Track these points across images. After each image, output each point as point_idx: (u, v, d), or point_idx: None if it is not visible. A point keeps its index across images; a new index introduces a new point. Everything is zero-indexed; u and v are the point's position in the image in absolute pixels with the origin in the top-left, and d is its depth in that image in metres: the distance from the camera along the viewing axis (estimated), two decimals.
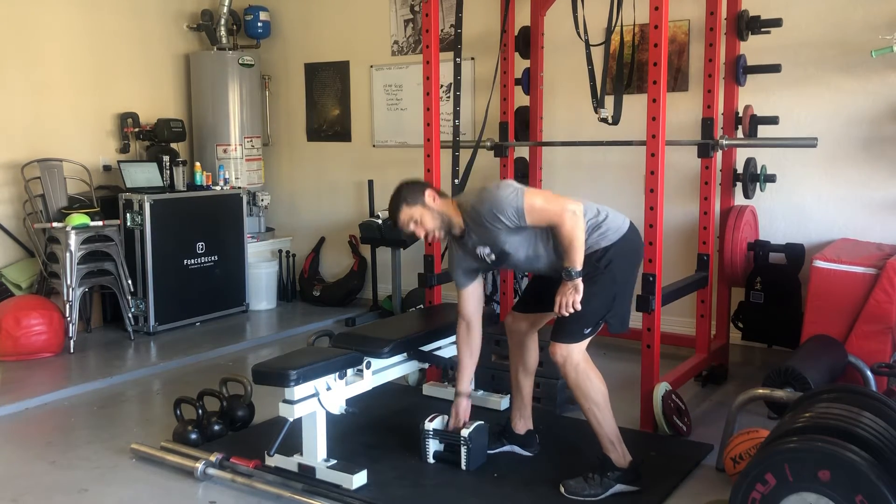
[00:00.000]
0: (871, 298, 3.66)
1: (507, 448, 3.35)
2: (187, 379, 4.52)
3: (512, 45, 4.92)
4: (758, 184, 4.47)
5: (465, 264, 3.19)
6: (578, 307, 2.92)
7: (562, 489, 3.00)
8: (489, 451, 3.30)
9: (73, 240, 5.02)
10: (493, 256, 3.08)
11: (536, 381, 3.49)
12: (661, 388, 3.57)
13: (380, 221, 5.67)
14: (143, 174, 5.62)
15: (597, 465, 3.03)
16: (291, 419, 3.03)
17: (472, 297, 3.26)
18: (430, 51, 4.12)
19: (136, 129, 6.00)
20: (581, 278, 2.92)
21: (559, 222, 2.91)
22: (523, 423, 3.38)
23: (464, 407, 3.31)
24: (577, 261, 2.91)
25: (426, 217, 3.05)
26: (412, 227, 3.07)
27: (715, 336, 4.51)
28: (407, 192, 3.08)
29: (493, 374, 3.94)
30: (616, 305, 3.05)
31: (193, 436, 3.45)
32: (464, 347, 3.30)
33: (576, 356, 2.98)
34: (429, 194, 3.06)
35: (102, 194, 5.58)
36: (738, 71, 4.41)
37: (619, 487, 2.99)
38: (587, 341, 3.03)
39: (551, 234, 3.00)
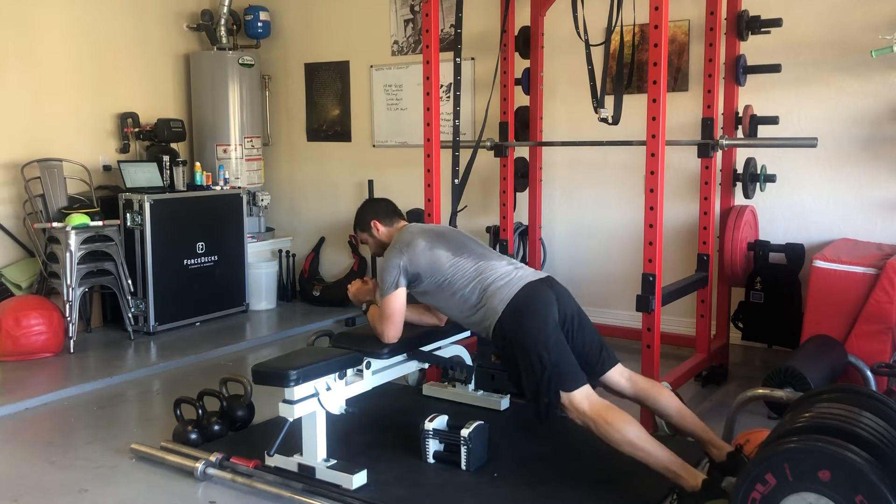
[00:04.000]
0: (871, 298, 3.66)
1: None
2: (187, 379, 4.52)
3: (512, 45, 4.92)
4: (758, 184, 4.47)
5: None
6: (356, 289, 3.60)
7: None
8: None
9: (73, 240, 5.02)
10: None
11: None
12: None
13: None
14: (143, 174, 5.62)
15: (676, 499, 2.80)
16: (291, 419, 3.02)
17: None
18: (430, 51, 4.11)
19: (136, 129, 6.00)
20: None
21: (376, 324, 3.36)
22: (716, 451, 2.98)
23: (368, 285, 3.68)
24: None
25: (369, 241, 3.59)
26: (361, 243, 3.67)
27: (715, 336, 4.51)
28: (358, 217, 3.59)
29: (493, 374, 3.94)
30: (545, 362, 2.97)
31: (193, 436, 3.44)
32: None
33: (579, 405, 2.91)
34: (374, 224, 3.51)
35: (102, 194, 5.58)
36: (738, 71, 4.41)
37: None
38: (581, 390, 2.93)
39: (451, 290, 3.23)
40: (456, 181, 4.21)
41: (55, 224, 5.12)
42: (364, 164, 6.33)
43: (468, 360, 4.01)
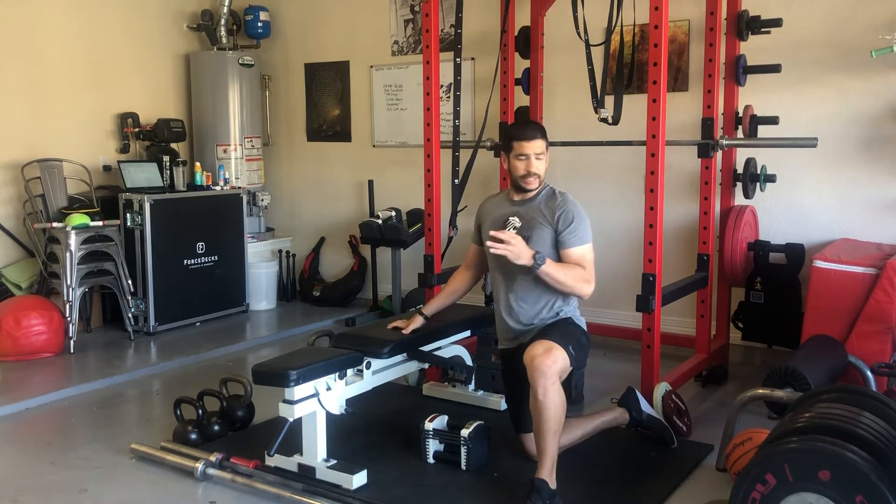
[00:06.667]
0: (871, 298, 3.66)
1: None
2: (187, 379, 4.52)
3: (512, 45, 4.92)
4: (758, 184, 4.47)
5: (490, 226, 3.27)
6: (509, 247, 2.97)
7: None
8: None
9: (73, 240, 5.02)
10: (514, 231, 3.16)
11: None
12: (662, 388, 3.57)
13: (380, 221, 5.67)
14: (143, 174, 5.62)
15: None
16: (291, 419, 3.03)
17: (479, 255, 3.47)
18: (430, 51, 4.12)
19: (136, 129, 6.00)
20: (532, 261, 3.00)
21: (581, 277, 3.11)
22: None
23: (417, 322, 3.49)
24: (548, 270, 3.04)
25: (544, 162, 3.26)
26: (536, 157, 3.21)
27: (715, 336, 4.51)
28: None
29: (493, 374, 3.94)
30: (581, 360, 3.14)
31: (193, 436, 3.45)
32: (450, 286, 3.59)
33: (558, 371, 2.90)
34: (504, 155, 3.33)
35: (102, 194, 5.57)
36: (738, 71, 4.41)
37: None
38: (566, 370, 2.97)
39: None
40: (456, 181, 4.21)
41: (55, 224, 5.12)
42: (364, 164, 6.33)
43: (468, 361, 4.02)
